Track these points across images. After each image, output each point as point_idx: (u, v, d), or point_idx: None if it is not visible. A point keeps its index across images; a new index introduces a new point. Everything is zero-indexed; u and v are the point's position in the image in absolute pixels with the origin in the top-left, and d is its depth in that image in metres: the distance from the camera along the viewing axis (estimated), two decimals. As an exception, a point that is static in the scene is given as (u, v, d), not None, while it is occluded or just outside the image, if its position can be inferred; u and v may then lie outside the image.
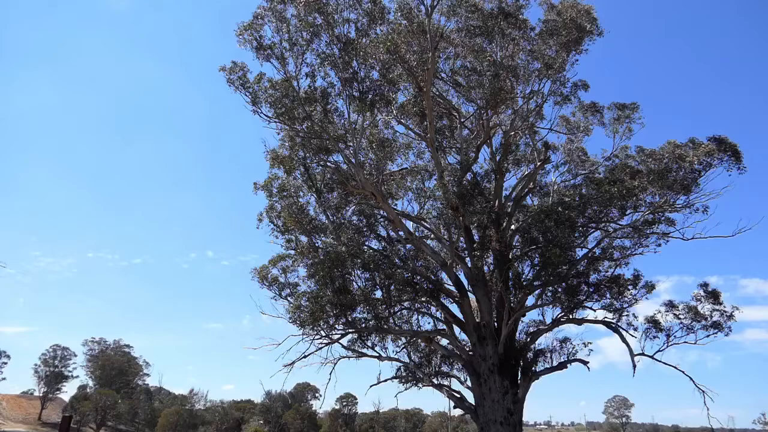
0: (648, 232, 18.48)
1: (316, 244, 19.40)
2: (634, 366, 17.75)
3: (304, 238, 19.65)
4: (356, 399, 78.69)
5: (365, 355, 19.70)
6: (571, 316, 18.49)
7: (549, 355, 19.33)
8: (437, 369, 21.04)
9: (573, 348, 19.33)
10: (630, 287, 18.55)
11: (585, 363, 18.67)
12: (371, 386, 20.13)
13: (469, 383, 18.82)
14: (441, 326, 20.14)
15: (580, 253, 18.68)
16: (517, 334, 19.02)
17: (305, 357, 18.54)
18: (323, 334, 18.44)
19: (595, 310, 18.73)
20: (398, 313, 20.02)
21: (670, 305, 18.89)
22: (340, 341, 19.10)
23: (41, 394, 75.23)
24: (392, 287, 18.88)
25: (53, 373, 75.38)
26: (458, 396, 19.00)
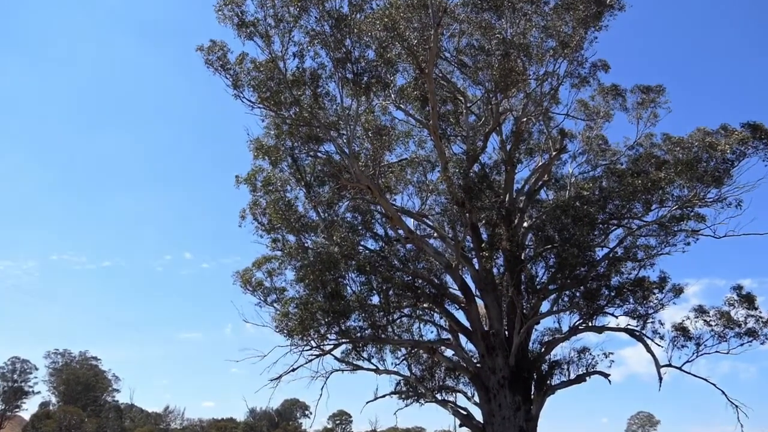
0: (675, 229, 18.51)
1: (306, 244, 19.37)
2: (661, 379, 17.81)
3: (291, 238, 19.61)
4: (351, 417, 78.98)
5: (361, 367, 19.72)
6: (590, 324, 18.55)
7: (566, 367, 19.36)
8: (441, 383, 21.07)
9: (592, 359, 19.37)
10: (655, 291, 18.60)
11: (606, 376, 18.72)
12: (368, 402, 20.20)
13: (476, 399, 18.87)
14: (445, 335, 20.16)
15: (600, 253, 18.74)
16: (530, 344, 19.06)
17: (294, 370, 18.57)
18: (314, 345, 18.44)
19: (616, 317, 18.82)
20: (397, 321, 20.03)
21: (700, 311, 18.94)
22: (332, 352, 19.14)
23: (-2, 413, 75.18)
24: (391, 292, 18.88)
25: (12, 389, 75.26)
26: (464, 413, 19.03)
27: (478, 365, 18.48)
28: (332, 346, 18.90)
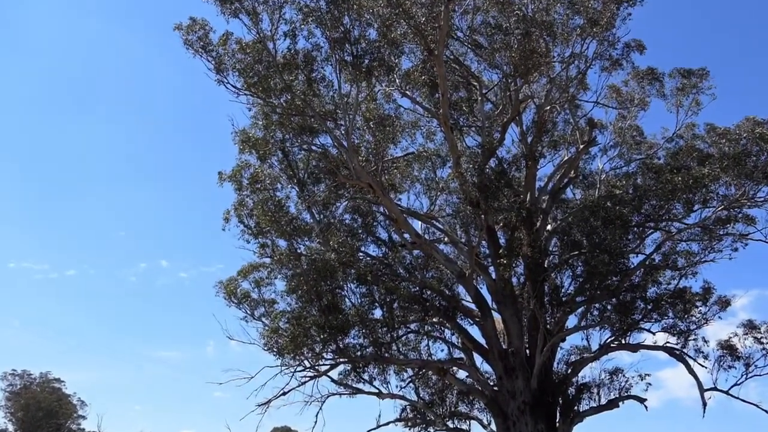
0: (721, 233, 18.48)
1: (299, 250, 19.36)
2: (704, 404, 17.75)
3: (282, 243, 19.61)
4: (350, 447, 78.60)
5: (361, 391, 19.73)
6: (623, 341, 18.54)
7: (596, 390, 19.34)
8: (453, 409, 21.07)
9: (626, 382, 19.36)
10: (698, 304, 18.57)
11: (642, 401, 18.67)
12: (369, 431, 20.14)
13: (493, 427, 18.85)
14: (458, 354, 20.20)
15: (634, 260, 18.70)
16: (555, 364, 19.07)
17: (285, 394, 18.57)
18: (307, 365, 18.45)
19: (654, 333, 18.77)
20: (403, 338, 20.07)
21: (750, 326, 18.90)
22: (328, 374, 19.15)
23: (-52, 442, 75.39)
24: (395, 305, 18.90)
25: (-37, 416, 75.47)
26: (480, 443, 19.03)
27: (495, 388, 18.47)
28: (328, 367, 18.91)
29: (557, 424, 17.99)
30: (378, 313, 19.06)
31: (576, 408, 18.70)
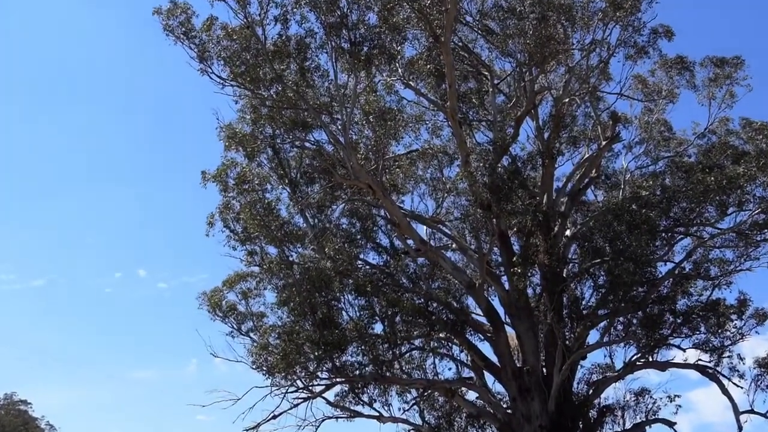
0: (758, 238, 18.47)
1: (290, 258, 19.35)
2: (740, 428, 17.72)
3: (272, 250, 19.59)
4: (347, 476, 78.44)
5: (360, 414, 19.64)
6: (650, 359, 18.53)
7: (620, 413, 19.32)
8: (462, 433, 21.02)
9: (653, 403, 19.35)
10: (733, 317, 18.57)
11: (671, 424, 18.62)
12: (369, 458, 20.10)
13: (506, 453, 18.80)
14: (467, 373, 20.13)
15: (662, 269, 18.71)
16: (575, 384, 19.05)
17: (275, 417, 18.46)
18: (300, 386, 18.38)
19: (684, 350, 18.78)
20: (406, 356, 20.02)
21: (791, 342, 18.92)
22: (324, 395, 19.07)
23: None
24: (398, 319, 18.86)
25: None
26: (492, 472, 18.98)
27: (509, 411, 18.42)
28: (324, 387, 18.85)
29: (577, 451, 17.95)
30: (378, 328, 19.03)
31: (598, 432, 18.66)
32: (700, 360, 18.60)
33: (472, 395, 20.29)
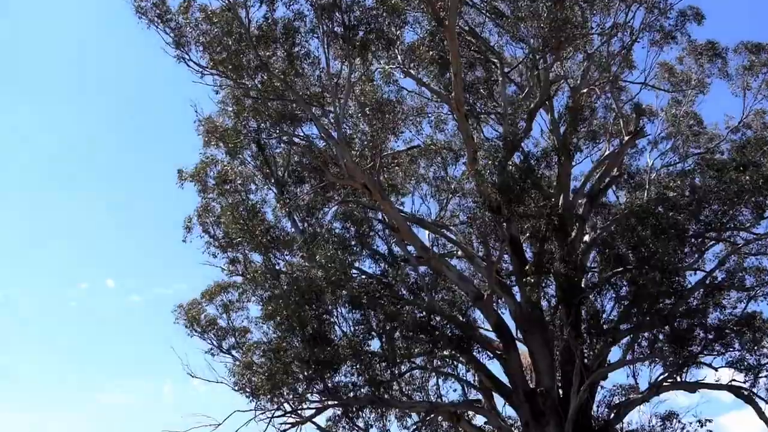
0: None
1: (277, 267, 19.35)
2: (779, 456, 17.63)
3: (257, 258, 19.63)
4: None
5: (355, 440, 19.59)
6: (679, 379, 18.43)
7: (645, 439, 19.20)
8: (468, 462, 20.94)
9: (682, 428, 19.23)
10: (772, 332, 18.45)
11: (701, 452, 18.54)
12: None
13: (518, 485, 18.73)
14: (474, 395, 20.08)
15: (692, 278, 18.71)
16: (595, 407, 18.97)
17: (260, 444, 18.44)
18: (288, 409, 18.35)
19: (716, 369, 18.65)
20: (407, 376, 19.98)
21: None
22: (314, 420, 19.01)
23: None
24: (397, 334, 18.79)
25: None
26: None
27: (521, 437, 18.34)
28: (314, 411, 18.78)
29: (598, 482, 17.89)
30: (375, 345, 18.99)
31: (621, 461, 18.62)
32: (734, 381, 18.48)
33: (479, 420, 20.32)
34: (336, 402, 18.51)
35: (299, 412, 18.53)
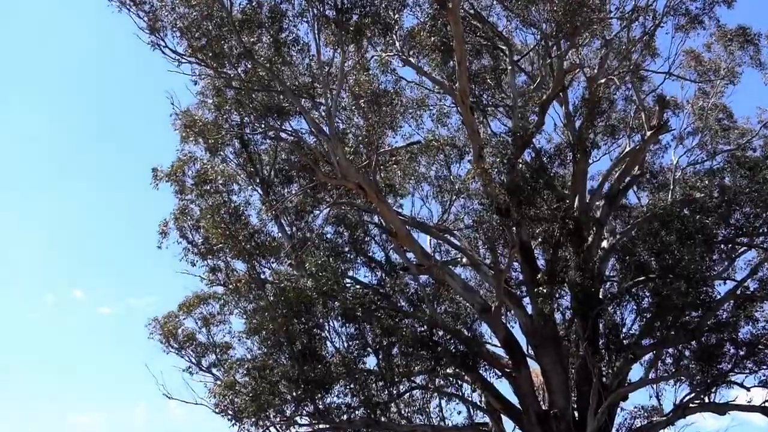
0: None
1: (263, 276, 19.34)
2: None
3: (241, 266, 19.62)
4: None
5: (348, 468, 19.58)
6: (707, 399, 18.41)
7: (669, 466, 19.19)
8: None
9: (711, 454, 19.26)
10: (809, 348, 18.45)
11: (731, 479, 18.60)
12: None
13: None
14: (480, 417, 20.12)
15: (721, 289, 18.70)
16: (614, 431, 18.89)
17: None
18: (276, 433, 18.29)
19: (748, 389, 18.70)
20: (406, 396, 19.93)
21: None
22: (304, 445, 18.94)
23: None
24: (395, 350, 18.80)
25: None
26: None
27: (533, 465, 18.32)
28: (304, 436, 18.73)
29: None
30: (371, 362, 19.00)
31: (643, 491, 18.61)
32: (767, 402, 18.46)
33: (487, 445, 20.16)
34: (328, 425, 18.44)
35: (287, 436, 18.54)
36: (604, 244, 19.62)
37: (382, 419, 18.63)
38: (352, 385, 18.32)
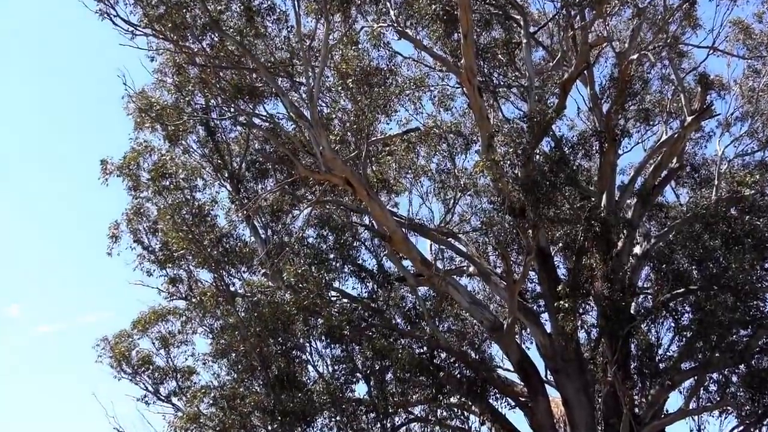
0: None
1: (233, 288, 19.38)
2: None
3: (206, 276, 19.65)
4: None
5: None
6: (757, 433, 18.46)
7: None
8: None
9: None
10: None
11: None
12: None
13: None
14: (491, 455, 20.06)
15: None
16: (649, 471, 19.00)
17: None
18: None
19: (805, 421, 18.71)
20: (402, 430, 19.98)
21: None
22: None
23: None
24: (389, 376, 18.86)
25: None
26: None
27: None
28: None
29: None
30: (361, 390, 19.10)
31: None
32: (827, 435, 18.62)
33: (498, 488, 20.27)
34: (310, 465, 18.56)
35: (261, 478, 18.62)
36: (637, 249, 19.64)
37: (375, 457, 18.71)
38: (338, 418, 18.32)
